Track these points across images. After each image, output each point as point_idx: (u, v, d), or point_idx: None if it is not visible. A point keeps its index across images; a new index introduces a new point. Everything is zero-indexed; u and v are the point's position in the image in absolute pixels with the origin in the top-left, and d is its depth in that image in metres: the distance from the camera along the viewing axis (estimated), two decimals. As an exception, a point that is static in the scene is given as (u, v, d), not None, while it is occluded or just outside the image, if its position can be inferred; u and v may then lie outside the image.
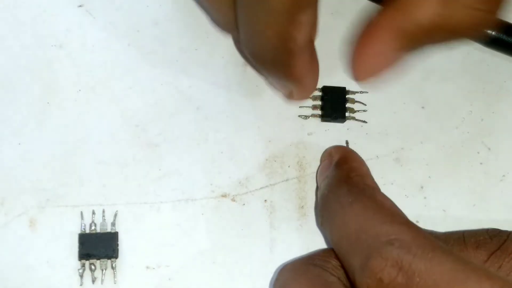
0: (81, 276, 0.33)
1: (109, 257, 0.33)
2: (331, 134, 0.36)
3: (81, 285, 0.33)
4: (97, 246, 0.33)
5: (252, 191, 0.35)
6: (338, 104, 0.36)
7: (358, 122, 0.36)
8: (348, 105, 0.36)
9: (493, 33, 0.37)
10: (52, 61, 0.36)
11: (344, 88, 0.36)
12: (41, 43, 0.37)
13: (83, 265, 0.33)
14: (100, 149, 0.35)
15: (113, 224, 0.34)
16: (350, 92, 0.36)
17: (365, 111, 0.36)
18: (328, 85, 0.36)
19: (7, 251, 0.34)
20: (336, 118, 0.36)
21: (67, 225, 0.34)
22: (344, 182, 0.31)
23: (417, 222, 0.35)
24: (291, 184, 0.36)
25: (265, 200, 0.35)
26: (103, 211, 0.34)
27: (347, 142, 0.36)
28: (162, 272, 0.34)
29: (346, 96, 0.36)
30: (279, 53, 0.30)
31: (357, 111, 0.36)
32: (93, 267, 0.33)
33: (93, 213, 0.34)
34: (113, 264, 0.34)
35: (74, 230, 0.34)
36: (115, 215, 0.34)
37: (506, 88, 0.38)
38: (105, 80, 0.36)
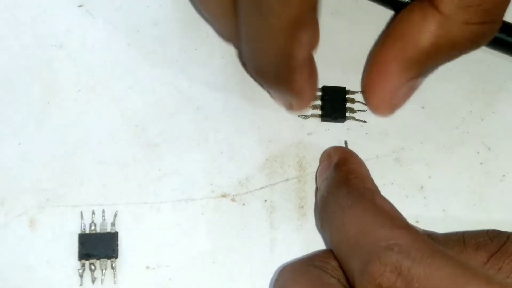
0: (81, 276, 0.33)
1: (109, 257, 0.33)
2: (331, 134, 0.36)
3: (81, 285, 0.33)
4: (97, 246, 0.33)
5: (252, 191, 0.35)
6: (338, 104, 0.36)
7: (358, 122, 0.36)
8: (348, 105, 0.36)
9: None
10: (52, 61, 0.36)
11: (344, 88, 0.36)
12: (41, 43, 0.37)
13: (83, 265, 0.33)
14: (100, 149, 0.35)
15: (113, 224, 0.34)
16: (350, 92, 0.36)
17: (365, 111, 0.36)
18: (328, 85, 0.36)
19: (7, 251, 0.34)
20: (336, 118, 0.36)
21: (67, 225, 0.34)
22: (343, 185, 0.31)
23: (417, 222, 0.35)
24: (291, 184, 0.36)
25: (265, 200, 0.35)
26: (103, 211, 0.34)
27: (346, 143, 0.36)
28: (162, 272, 0.34)
29: (346, 96, 0.36)
30: (280, 69, 0.31)
31: (357, 111, 0.36)
32: (93, 267, 0.33)
33: (93, 213, 0.34)
34: (113, 264, 0.34)
35: (74, 230, 0.34)
36: (115, 215, 0.34)
37: (506, 88, 0.38)
38: (105, 80, 0.36)
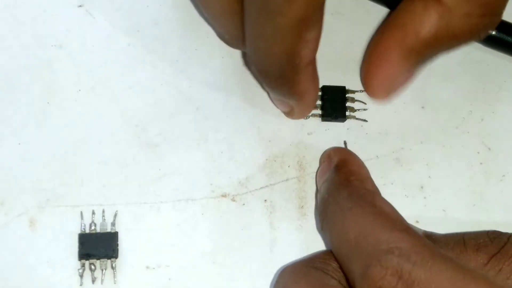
0: (81, 276, 0.33)
1: (109, 257, 0.33)
2: (331, 134, 0.36)
3: (81, 285, 0.33)
4: (97, 246, 0.33)
5: (252, 191, 0.35)
6: (338, 104, 0.36)
7: (358, 122, 0.36)
8: (348, 104, 0.36)
9: (493, 33, 0.37)
10: (52, 61, 0.36)
11: (344, 87, 0.36)
12: (41, 43, 0.37)
13: (83, 265, 0.33)
14: (100, 149, 0.35)
15: (113, 224, 0.34)
16: (350, 91, 0.36)
17: (365, 110, 0.36)
18: (328, 85, 0.36)
19: (7, 251, 0.34)
20: (337, 118, 0.36)
21: (67, 225, 0.34)
22: (344, 186, 0.31)
23: (417, 222, 0.35)
24: (291, 184, 0.36)
25: (265, 200, 0.35)
26: (103, 211, 0.34)
27: (345, 143, 0.36)
28: (162, 272, 0.34)
29: (346, 95, 0.36)
30: (285, 70, 0.31)
31: (357, 110, 0.36)
32: (93, 267, 0.33)
33: (93, 213, 0.34)
34: (113, 264, 0.34)
35: (74, 230, 0.34)
36: (115, 215, 0.34)
37: (506, 88, 0.38)
38: (105, 80, 0.36)
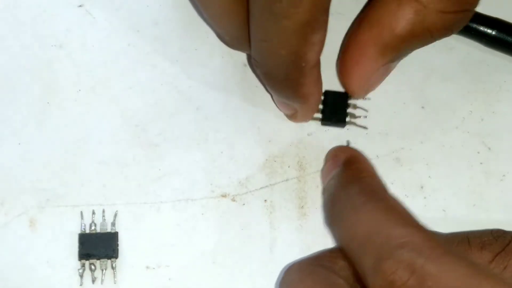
0: (81, 276, 0.33)
1: (109, 257, 0.33)
2: (331, 134, 0.36)
3: (81, 285, 0.33)
4: (97, 246, 0.33)
5: (252, 191, 0.35)
6: (339, 109, 0.36)
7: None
8: (349, 110, 0.36)
9: (493, 33, 0.37)
10: (52, 61, 0.36)
11: (346, 94, 0.36)
12: (41, 43, 0.37)
13: (83, 265, 0.33)
14: (100, 149, 0.35)
15: (113, 224, 0.34)
16: (352, 98, 0.36)
17: (366, 117, 0.36)
18: (330, 90, 0.36)
19: (7, 251, 0.34)
20: (336, 122, 0.36)
21: (67, 225, 0.34)
22: (355, 182, 0.31)
23: (417, 222, 0.35)
24: (291, 184, 0.36)
25: (265, 200, 0.35)
26: (103, 211, 0.34)
27: (349, 142, 0.36)
28: (162, 272, 0.34)
29: (348, 102, 0.36)
30: (290, 72, 0.31)
31: (358, 117, 0.36)
32: (93, 267, 0.33)
33: (93, 213, 0.34)
34: (113, 264, 0.34)
35: (74, 230, 0.34)
36: (115, 215, 0.34)
37: (506, 88, 0.38)
38: (105, 80, 0.36)
